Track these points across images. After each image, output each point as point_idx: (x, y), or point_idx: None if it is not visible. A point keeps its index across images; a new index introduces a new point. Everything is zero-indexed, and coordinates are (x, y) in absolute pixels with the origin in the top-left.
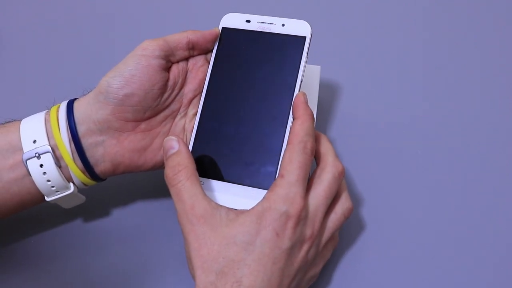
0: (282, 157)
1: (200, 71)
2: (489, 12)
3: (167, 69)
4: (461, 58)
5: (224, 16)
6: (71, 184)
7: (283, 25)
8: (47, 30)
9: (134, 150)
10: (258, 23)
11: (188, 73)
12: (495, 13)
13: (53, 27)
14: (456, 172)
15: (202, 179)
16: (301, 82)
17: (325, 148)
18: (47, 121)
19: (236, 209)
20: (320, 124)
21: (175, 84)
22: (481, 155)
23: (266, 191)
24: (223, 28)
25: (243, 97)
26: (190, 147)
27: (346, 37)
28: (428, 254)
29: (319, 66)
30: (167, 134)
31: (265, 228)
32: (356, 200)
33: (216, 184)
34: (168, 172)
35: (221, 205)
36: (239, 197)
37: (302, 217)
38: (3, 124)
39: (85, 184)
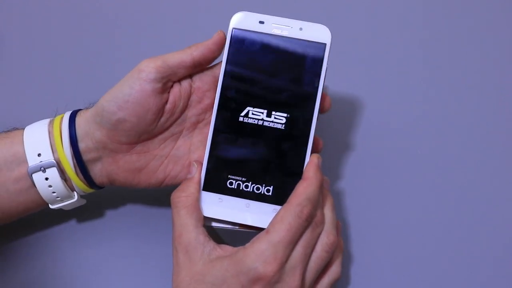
0: (276, 214)
1: (206, 96)
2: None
3: (166, 90)
4: (461, 59)
5: (234, 15)
6: (75, 193)
7: (300, 29)
8: (49, 33)
9: (129, 171)
10: (273, 25)
11: (192, 95)
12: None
13: (55, 29)
14: (465, 177)
15: (220, 195)
16: (322, 93)
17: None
18: (50, 133)
19: (222, 248)
20: (319, 125)
21: (175, 107)
22: (485, 161)
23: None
24: (233, 29)
25: (259, 109)
26: (205, 163)
27: (346, 40)
28: (427, 255)
29: None
30: (166, 157)
31: (233, 278)
32: (357, 204)
33: (233, 200)
34: (173, 194)
35: (210, 241)
36: (257, 214)
37: (274, 280)
38: (6, 132)
39: (84, 192)
